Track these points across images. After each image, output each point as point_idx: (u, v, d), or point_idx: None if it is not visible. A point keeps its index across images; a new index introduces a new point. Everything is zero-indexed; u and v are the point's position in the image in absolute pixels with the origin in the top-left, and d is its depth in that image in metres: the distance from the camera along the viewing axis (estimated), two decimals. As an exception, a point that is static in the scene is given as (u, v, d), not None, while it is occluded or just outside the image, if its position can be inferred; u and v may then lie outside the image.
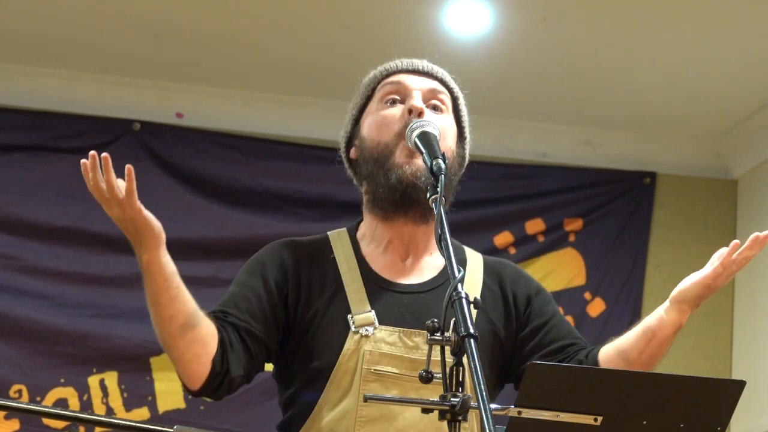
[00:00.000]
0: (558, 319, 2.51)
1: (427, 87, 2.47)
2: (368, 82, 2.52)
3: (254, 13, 4.83)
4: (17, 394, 5.08)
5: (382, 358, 2.30)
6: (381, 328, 2.31)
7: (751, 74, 5.10)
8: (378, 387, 2.29)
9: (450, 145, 2.43)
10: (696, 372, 5.46)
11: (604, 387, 1.98)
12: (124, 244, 5.65)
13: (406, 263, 2.44)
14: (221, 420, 5.17)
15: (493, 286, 2.46)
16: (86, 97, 5.39)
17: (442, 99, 2.47)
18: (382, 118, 2.43)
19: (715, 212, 5.77)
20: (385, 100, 2.46)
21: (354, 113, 2.52)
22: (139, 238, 2.25)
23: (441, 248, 2.02)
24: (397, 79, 2.48)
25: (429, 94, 2.46)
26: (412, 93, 2.44)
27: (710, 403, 2.03)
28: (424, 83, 2.47)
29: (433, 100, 2.46)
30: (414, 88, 2.45)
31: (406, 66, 2.51)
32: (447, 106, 2.48)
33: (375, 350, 2.30)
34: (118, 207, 2.19)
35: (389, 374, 2.30)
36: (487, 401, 1.77)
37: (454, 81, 2.54)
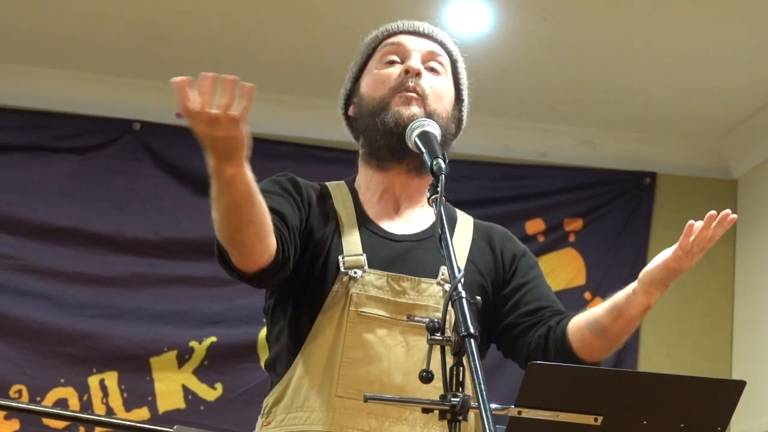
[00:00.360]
0: (539, 281, 2.54)
1: (426, 49, 2.52)
2: (369, 42, 2.58)
3: (254, 13, 4.83)
4: (17, 394, 5.08)
5: (368, 301, 2.33)
6: (369, 271, 2.34)
7: (751, 74, 5.10)
8: (364, 328, 2.31)
9: (446, 107, 2.48)
10: (696, 372, 5.46)
11: (605, 387, 1.98)
12: (124, 244, 5.67)
13: (398, 212, 2.47)
14: (221, 420, 5.17)
15: (482, 243, 2.51)
16: (86, 97, 5.39)
17: (440, 61, 2.52)
18: (378, 76, 2.48)
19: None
20: (384, 60, 2.52)
21: (354, 71, 2.58)
22: (231, 153, 2.23)
23: (441, 247, 2.02)
24: (397, 40, 2.54)
25: (427, 56, 2.51)
26: (411, 54, 2.49)
27: (710, 403, 2.03)
28: (424, 45, 2.52)
29: (431, 62, 2.50)
30: (413, 50, 2.50)
31: (407, 27, 2.57)
32: (446, 69, 2.52)
33: (362, 293, 2.33)
34: (226, 127, 2.16)
35: (376, 316, 2.32)
36: (487, 401, 1.77)
37: (454, 44, 2.59)
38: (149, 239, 5.32)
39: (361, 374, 2.28)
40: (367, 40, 2.59)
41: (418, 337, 2.30)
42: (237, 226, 2.25)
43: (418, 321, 2.31)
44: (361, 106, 2.49)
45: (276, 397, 2.35)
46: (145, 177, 5.40)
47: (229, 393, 5.26)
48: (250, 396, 5.22)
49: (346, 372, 2.29)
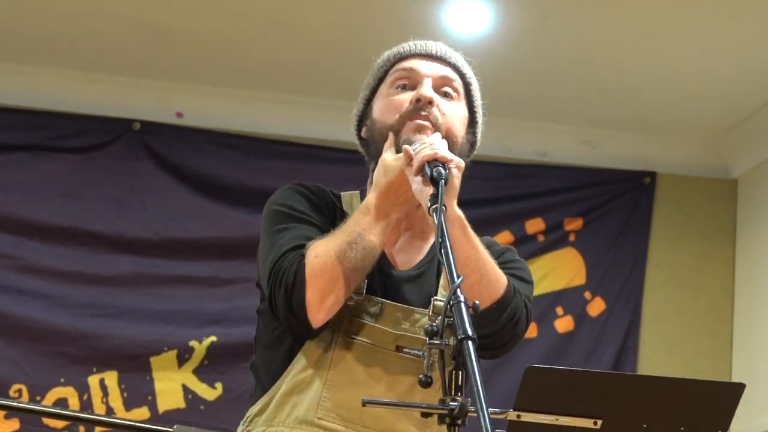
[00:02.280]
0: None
1: (438, 74, 2.48)
2: (382, 64, 2.54)
3: (254, 13, 4.83)
4: (17, 394, 5.08)
5: (359, 328, 2.31)
6: (366, 297, 2.32)
7: (751, 74, 5.10)
8: (351, 354, 2.30)
9: (459, 131, 2.45)
10: (696, 372, 5.46)
11: (604, 390, 1.97)
12: (124, 243, 5.68)
13: (398, 241, 2.45)
14: (221, 420, 5.18)
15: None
16: (86, 97, 5.39)
17: (454, 86, 2.48)
18: (390, 102, 2.45)
19: (715, 212, 5.77)
20: (395, 84, 2.48)
21: (366, 93, 2.54)
22: (406, 201, 2.31)
23: (441, 255, 2.02)
24: (409, 65, 2.49)
25: (440, 81, 2.47)
26: (423, 80, 2.45)
27: (710, 405, 2.03)
28: (436, 69, 2.48)
29: (444, 87, 2.47)
30: (425, 75, 2.46)
31: (420, 50, 2.51)
32: (459, 93, 2.49)
33: (355, 318, 2.31)
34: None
35: (364, 343, 2.30)
36: (485, 406, 1.77)
37: (468, 65, 2.56)
38: (149, 239, 5.32)
39: (342, 398, 2.26)
40: (380, 62, 2.54)
41: (402, 371, 2.29)
42: (362, 269, 2.25)
43: (406, 353, 2.29)
44: (373, 131, 2.47)
45: (260, 408, 2.38)
46: (145, 177, 5.40)
47: (229, 393, 5.26)
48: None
49: (328, 395, 2.28)
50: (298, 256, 2.24)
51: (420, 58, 2.50)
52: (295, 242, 2.29)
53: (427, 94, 2.41)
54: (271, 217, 2.38)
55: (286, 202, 2.40)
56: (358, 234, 2.25)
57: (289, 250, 2.27)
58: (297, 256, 2.24)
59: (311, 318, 2.22)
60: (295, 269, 2.22)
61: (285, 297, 2.22)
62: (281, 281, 2.22)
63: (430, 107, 2.41)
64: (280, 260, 2.25)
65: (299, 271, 2.21)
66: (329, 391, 2.28)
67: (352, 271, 2.23)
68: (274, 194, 2.45)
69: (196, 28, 4.97)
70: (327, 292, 2.22)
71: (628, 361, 5.54)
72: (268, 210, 2.41)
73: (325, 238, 2.26)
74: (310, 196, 2.44)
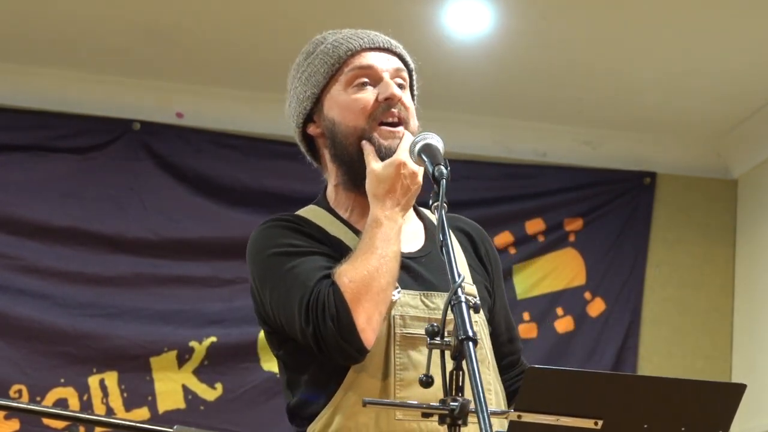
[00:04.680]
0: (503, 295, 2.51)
1: (392, 66, 2.45)
2: (331, 60, 2.47)
3: (254, 13, 4.83)
4: (17, 394, 5.08)
5: (411, 321, 2.31)
6: (404, 292, 2.32)
7: (751, 74, 5.10)
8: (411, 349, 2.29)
9: (415, 121, 2.44)
10: (696, 372, 5.46)
11: (605, 390, 1.97)
12: (124, 244, 5.68)
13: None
14: (221, 420, 5.18)
15: (465, 242, 2.49)
16: (86, 97, 5.39)
17: (403, 76, 2.46)
18: (354, 102, 2.41)
19: (715, 212, 5.77)
20: (354, 83, 2.43)
21: (314, 91, 2.48)
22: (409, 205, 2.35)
23: (442, 253, 2.02)
24: (366, 63, 2.43)
25: (394, 74, 2.44)
26: (383, 76, 2.42)
27: (711, 406, 2.03)
28: (390, 63, 2.45)
29: (397, 78, 2.44)
30: (384, 70, 2.43)
31: (368, 43, 2.46)
32: (407, 82, 2.47)
33: (404, 314, 2.31)
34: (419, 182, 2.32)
35: (419, 336, 2.27)
36: (486, 405, 1.77)
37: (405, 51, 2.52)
38: (149, 239, 5.31)
39: (417, 395, 2.19)
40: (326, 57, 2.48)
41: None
42: (394, 279, 2.27)
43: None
44: (335, 134, 2.43)
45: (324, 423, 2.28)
46: (145, 177, 5.40)
47: (229, 393, 5.26)
48: (250, 396, 5.23)
49: (402, 394, 2.24)
50: (329, 285, 2.22)
51: (372, 51, 2.45)
52: (318, 274, 2.26)
53: (397, 93, 2.39)
54: (271, 263, 2.34)
55: (278, 241, 2.36)
56: (379, 247, 2.25)
57: (316, 284, 2.24)
58: (329, 286, 2.22)
59: (365, 341, 2.20)
60: (333, 299, 2.19)
61: (335, 328, 2.18)
62: (324, 315, 2.19)
63: (399, 105, 2.40)
64: (312, 296, 2.22)
65: (339, 300, 2.19)
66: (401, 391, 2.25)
67: (388, 284, 2.23)
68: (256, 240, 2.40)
69: (196, 29, 4.97)
70: (372, 312, 2.21)
71: (628, 361, 5.54)
72: (263, 258, 2.36)
73: (348, 261, 2.24)
74: (295, 227, 2.41)
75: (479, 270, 2.46)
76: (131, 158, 5.41)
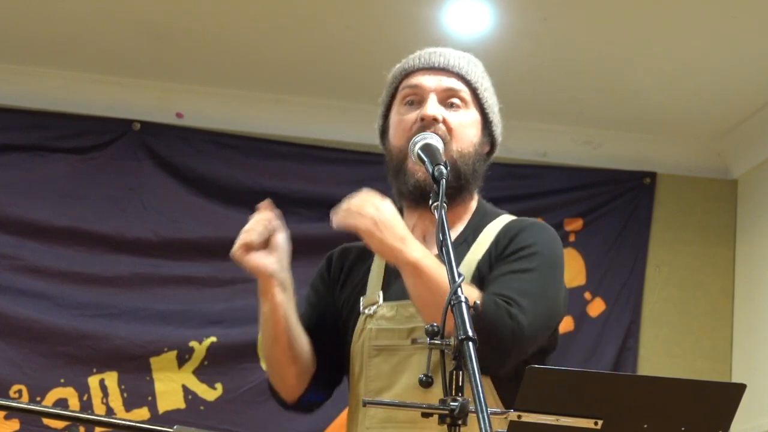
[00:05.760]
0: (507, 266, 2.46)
1: (443, 86, 2.53)
2: (391, 80, 2.60)
3: (254, 13, 4.83)
4: (17, 394, 5.08)
5: (380, 333, 2.43)
6: (383, 305, 2.44)
7: (751, 74, 5.10)
8: (380, 360, 2.42)
9: (471, 140, 2.53)
10: (696, 372, 5.46)
11: (605, 390, 1.98)
12: (124, 244, 5.68)
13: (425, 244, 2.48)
14: (221, 420, 5.18)
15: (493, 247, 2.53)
16: (86, 97, 5.39)
17: (460, 96, 2.54)
18: (400, 123, 2.53)
19: (715, 212, 5.77)
20: (404, 102, 2.55)
21: (382, 109, 2.62)
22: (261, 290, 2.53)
23: (441, 253, 2.03)
24: (415, 82, 2.54)
25: (445, 93, 2.53)
26: (427, 96, 2.51)
27: (711, 406, 2.03)
28: (441, 82, 2.54)
29: (450, 98, 2.53)
30: (430, 90, 2.52)
31: (423, 63, 2.56)
32: (466, 101, 2.54)
33: (375, 327, 2.43)
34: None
35: (387, 347, 2.41)
36: (485, 405, 1.77)
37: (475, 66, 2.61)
38: (149, 239, 5.31)
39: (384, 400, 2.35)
40: (390, 78, 2.61)
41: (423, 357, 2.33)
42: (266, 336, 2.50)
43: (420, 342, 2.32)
44: (389, 152, 2.55)
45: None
46: (145, 177, 5.40)
47: (229, 393, 5.26)
48: (250, 396, 5.22)
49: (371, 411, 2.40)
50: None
51: (424, 72, 2.55)
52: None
53: (429, 113, 2.47)
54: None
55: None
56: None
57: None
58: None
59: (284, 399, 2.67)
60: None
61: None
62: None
63: (436, 124, 2.47)
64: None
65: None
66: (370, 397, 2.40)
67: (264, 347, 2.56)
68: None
69: (196, 29, 4.97)
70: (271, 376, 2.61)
71: (628, 361, 5.54)
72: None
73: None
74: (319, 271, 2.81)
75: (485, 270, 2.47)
76: (131, 158, 5.40)
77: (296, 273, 5.90)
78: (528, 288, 2.38)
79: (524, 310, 2.31)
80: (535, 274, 2.43)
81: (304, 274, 5.54)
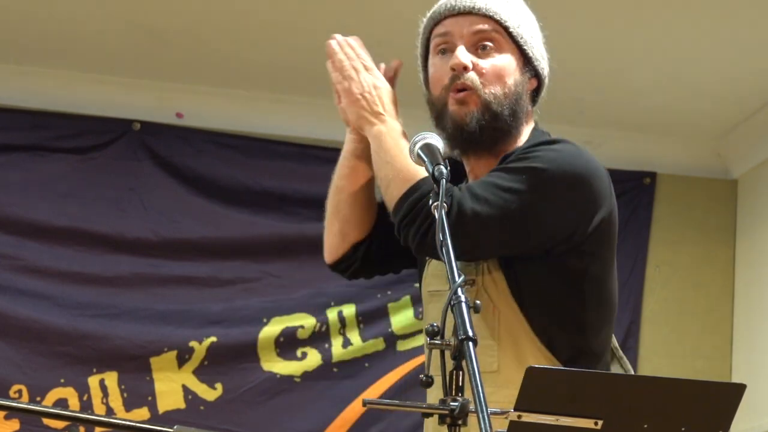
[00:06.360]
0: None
1: (471, 30, 2.52)
2: (423, 31, 2.62)
3: (254, 13, 4.83)
4: (17, 394, 5.07)
5: (432, 280, 2.55)
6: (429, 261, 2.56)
7: (751, 75, 5.10)
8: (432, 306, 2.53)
9: (507, 82, 2.52)
10: (696, 372, 5.46)
11: (605, 390, 1.98)
12: (124, 244, 5.67)
13: None
14: (221, 420, 5.18)
15: None
16: (86, 97, 5.39)
17: (491, 36, 2.53)
18: (434, 74, 2.55)
19: (715, 212, 5.77)
20: (436, 51, 2.56)
21: (421, 61, 2.64)
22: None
23: (441, 254, 2.02)
24: (443, 30, 2.55)
25: (475, 37, 2.52)
26: (457, 45, 2.51)
27: (711, 406, 2.03)
28: (469, 26, 2.53)
29: (481, 41, 2.52)
30: (458, 36, 2.52)
31: (450, 9, 2.56)
32: (498, 42, 2.53)
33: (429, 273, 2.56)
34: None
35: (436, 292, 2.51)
36: (486, 405, 1.77)
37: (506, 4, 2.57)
38: (149, 239, 5.31)
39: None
40: (420, 29, 2.63)
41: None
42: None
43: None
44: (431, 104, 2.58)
45: None
46: (145, 177, 5.39)
47: (229, 393, 5.25)
48: (250, 396, 5.22)
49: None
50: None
51: (452, 18, 2.55)
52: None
53: (459, 62, 2.48)
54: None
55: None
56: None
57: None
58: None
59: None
60: None
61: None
62: None
63: (466, 72, 2.48)
64: None
65: None
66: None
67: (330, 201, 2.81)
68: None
69: (196, 29, 4.97)
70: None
71: (628, 361, 5.54)
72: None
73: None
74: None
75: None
76: (131, 158, 5.40)
77: (296, 273, 5.90)
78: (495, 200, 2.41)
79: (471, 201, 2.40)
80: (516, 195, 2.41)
81: (305, 274, 5.57)
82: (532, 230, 2.40)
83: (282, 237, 5.39)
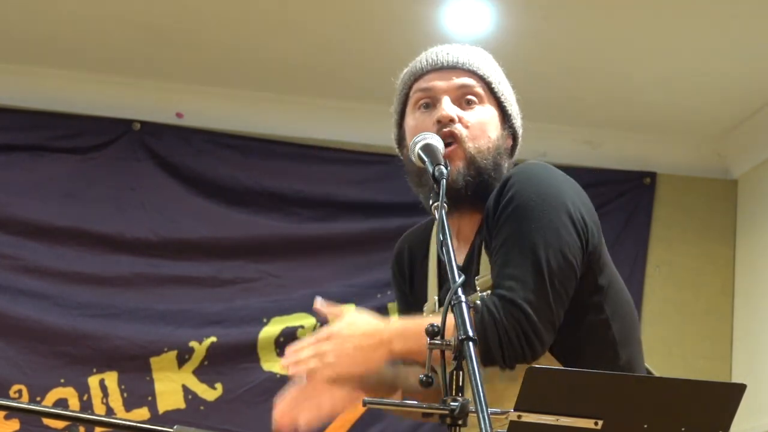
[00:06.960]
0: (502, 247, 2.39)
1: (455, 84, 2.50)
2: (401, 86, 2.57)
3: (254, 13, 4.83)
4: (17, 394, 5.08)
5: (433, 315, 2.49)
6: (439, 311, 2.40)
7: (751, 75, 5.10)
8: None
9: (490, 136, 2.50)
10: (696, 372, 5.46)
11: (605, 391, 1.97)
12: (124, 244, 5.67)
13: (458, 247, 2.51)
14: (221, 420, 5.18)
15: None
16: (86, 97, 5.39)
17: (474, 92, 2.51)
18: (416, 128, 2.48)
19: (715, 212, 5.77)
20: (417, 106, 2.51)
21: (396, 118, 2.58)
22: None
23: (442, 253, 2.02)
24: (426, 85, 2.51)
25: (459, 92, 2.50)
26: (441, 98, 2.48)
27: (711, 406, 2.03)
28: (453, 81, 2.50)
29: (465, 96, 2.50)
30: (442, 90, 2.49)
31: (432, 64, 2.52)
32: (481, 96, 2.52)
33: (427, 310, 2.53)
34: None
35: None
36: (485, 405, 1.77)
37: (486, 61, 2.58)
38: (149, 239, 5.31)
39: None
40: (399, 84, 2.57)
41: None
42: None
43: None
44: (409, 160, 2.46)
45: None
46: (145, 177, 5.40)
47: (229, 393, 5.26)
48: (250, 396, 5.22)
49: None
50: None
51: (435, 73, 2.52)
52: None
53: (446, 114, 2.45)
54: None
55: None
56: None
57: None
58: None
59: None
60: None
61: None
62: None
63: (453, 124, 2.44)
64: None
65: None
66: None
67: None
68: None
69: (196, 29, 4.97)
70: None
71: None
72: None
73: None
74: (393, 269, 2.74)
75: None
76: (131, 158, 5.40)
77: (296, 273, 5.90)
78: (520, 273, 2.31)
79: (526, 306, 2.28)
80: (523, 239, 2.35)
81: (305, 274, 5.57)
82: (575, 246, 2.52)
83: (282, 237, 5.40)
